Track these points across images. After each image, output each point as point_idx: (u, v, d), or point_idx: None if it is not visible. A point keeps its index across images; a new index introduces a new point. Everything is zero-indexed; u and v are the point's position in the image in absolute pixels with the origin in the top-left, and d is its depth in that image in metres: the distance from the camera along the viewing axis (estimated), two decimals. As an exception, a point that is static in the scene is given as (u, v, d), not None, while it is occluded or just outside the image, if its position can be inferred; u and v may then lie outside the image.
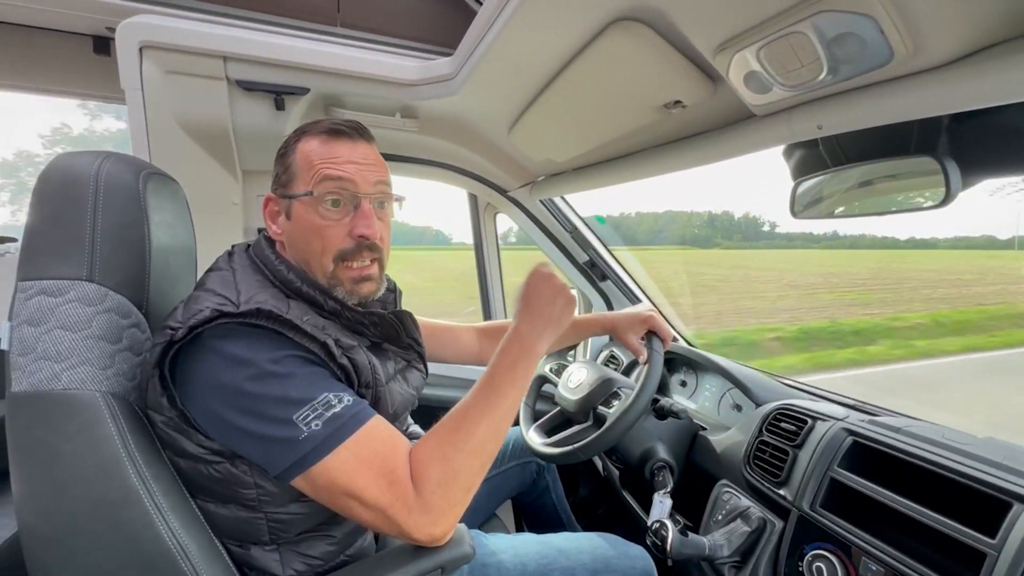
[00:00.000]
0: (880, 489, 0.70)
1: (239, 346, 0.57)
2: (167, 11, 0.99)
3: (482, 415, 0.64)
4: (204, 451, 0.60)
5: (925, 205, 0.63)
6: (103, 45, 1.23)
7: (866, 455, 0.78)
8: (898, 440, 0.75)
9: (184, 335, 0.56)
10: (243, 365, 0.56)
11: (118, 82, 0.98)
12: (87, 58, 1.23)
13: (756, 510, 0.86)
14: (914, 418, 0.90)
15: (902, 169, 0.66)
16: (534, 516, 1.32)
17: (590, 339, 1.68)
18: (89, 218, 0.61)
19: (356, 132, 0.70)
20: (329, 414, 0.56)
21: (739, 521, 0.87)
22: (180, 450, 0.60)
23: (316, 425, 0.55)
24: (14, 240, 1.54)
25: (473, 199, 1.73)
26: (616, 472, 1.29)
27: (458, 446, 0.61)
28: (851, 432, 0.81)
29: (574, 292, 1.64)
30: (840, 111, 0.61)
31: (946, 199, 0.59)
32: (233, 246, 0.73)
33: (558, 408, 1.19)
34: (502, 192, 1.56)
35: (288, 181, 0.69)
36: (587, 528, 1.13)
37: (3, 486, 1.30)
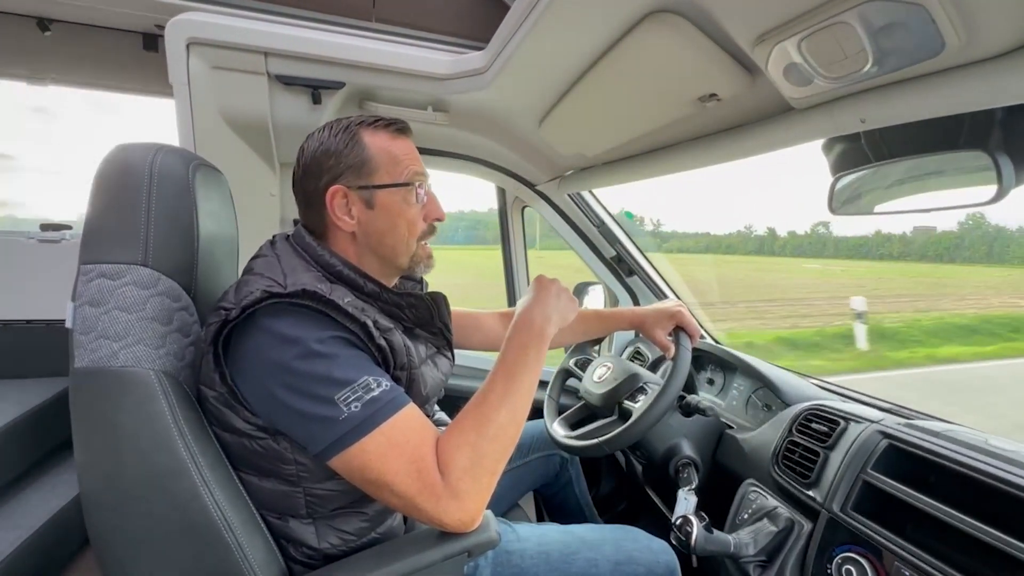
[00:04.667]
0: (918, 495, 0.68)
1: (287, 324, 0.59)
2: (213, 8, 1.03)
3: (500, 401, 0.67)
4: (250, 427, 0.63)
5: (974, 202, 0.60)
6: (152, 42, 1.29)
7: (901, 459, 0.76)
8: (938, 445, 0.73)
9: (238, 315, 0.59)
10: (291, 343, 0.58)
11: (166, 78, 1.03)
12: (137, 55, 1.29)
13: (784, 510, 0.85)
14: (953, 423, 0.87)
15: (950, 164, 0.63)
16: (556, 508, 1.33)
17: (615, 334, 1.68)
18: (144, 206, 0.65)
19: (409, 130, 0.77)
20: (368, 397, 0.58)
21: (766, 520, 0.86)
22: (227, 425, 0.64)
23: (356, 407, 0.58)
24: (69, 227, 1.63)
25: (501, 193, 1.74)
26: (639, 468, 1.28)
27: (480, 432, 0.63)
28: (886, 435, 0.79)
29: (599, 287, 1.64)
30: (885, 104, 0.59)
31: (998, 195, 0.57)
32: (275, 235, 0.76)
33: (583, 402, 1.19)
34: (530, 186, 1.56)
35: (370, 173, 0.72)
36: (609, 523, 1.14)
37: (63, 454, 1.39)
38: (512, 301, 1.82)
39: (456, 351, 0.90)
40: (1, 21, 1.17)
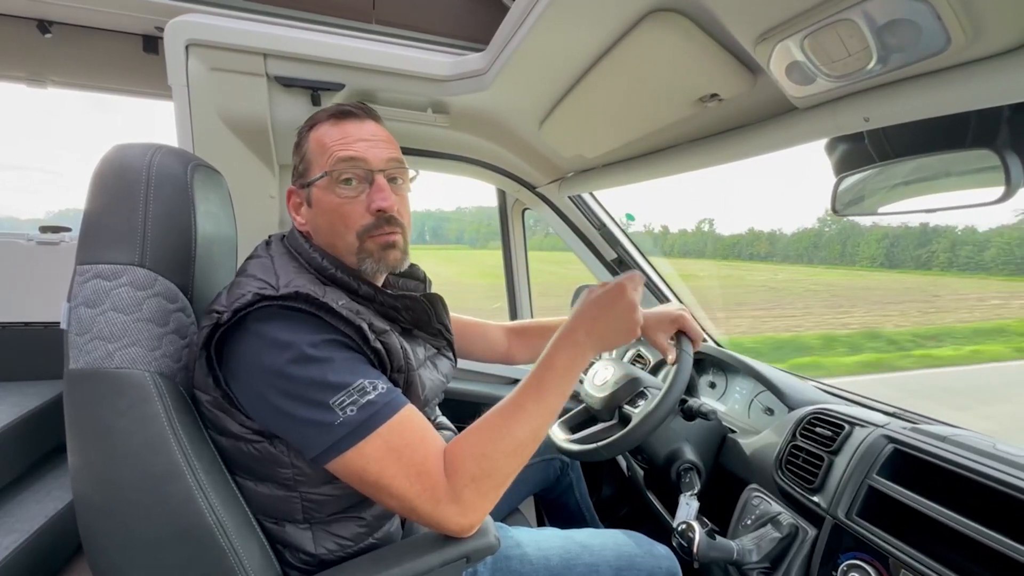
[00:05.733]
0: (924, 500, 0.67)
1: (280, 329, 0.58)
2: (212, 10, 1.03)
3: (526, 417, 0.64)
4: (245, 431, 0.62)
5: (981, 201, 0.59)
6: (152, 44, 1.29)
7: (907, 464, 0.75)
8: (944, 449, 0.71)
9: (229, 319, 0.58)
10: (284, 348, 0.57)
11: (165, 79, 1.02)
12: (137, 56, 1.29)
13: (787, 516, 0.84)
14: (959, 427, 0.86)
15: (956, 163, 0.62)
16: (557, 513, 1.32)
17: None
18: (141, 207, 0.65)
19: (362, 111, 0.72)
20: (364, 400, 0.58)
21: (769, 527, 0.85)
22: (223, 429, 0.63)
23: (351, 411, 0.57)
24: (68, 230, 1.63)
25: (502, 195, 1.73)
26: (641, 472, 1.27)
27: (497, 445, 0.62)
28: (892, 439, 0.77)
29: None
30: (890, 102, 0.58)
31: (1006, 195, 0.56)
32: (270, 236, 0.76)
33: (583, 405, 1.18)
34: (531, 188, 1.56)
35: (305, 170, 0.71)
36: (610, 527, 1.13)
37: (60, 458, 1.39)
38: (512, 305, 1.81)
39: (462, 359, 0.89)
40: (1, 23, 1.17)
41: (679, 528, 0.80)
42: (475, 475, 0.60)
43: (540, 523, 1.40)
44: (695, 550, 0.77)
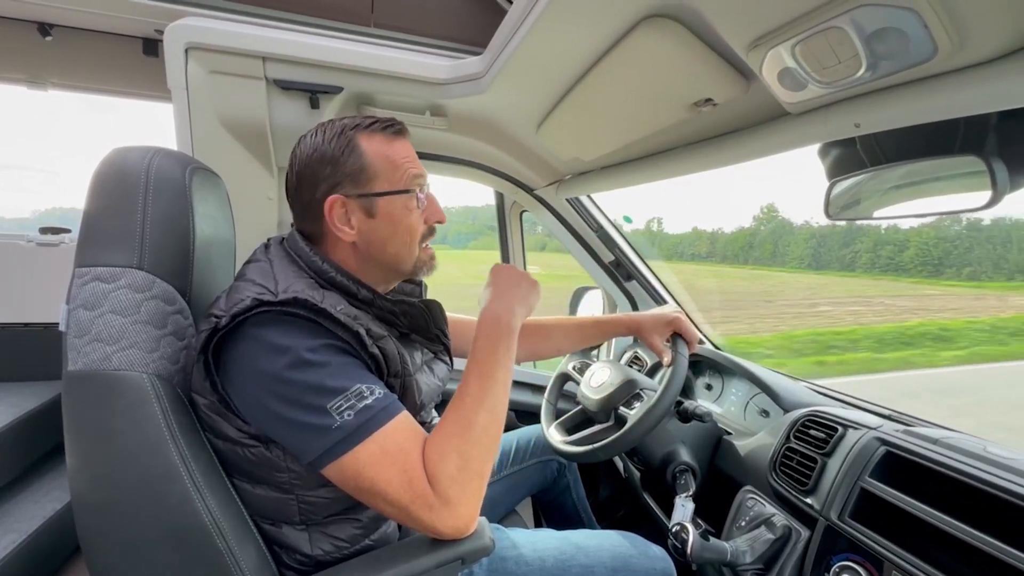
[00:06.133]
0: (916, 503, 0.67)
1: (277, 334, 0.59)
2: (212, 13, 1.04)
3: (478, 402, 0.66)
4: (241, 435, 0.62)
5: (970, 206, 0.60)
6: (152, 47, 1.29)
7: (900, 466, 0.75)
8: (936, 452, 0.72)
9: (227, 323, 0.59)
10: (282, 353, 0.58)
11: (165, 82, 1.03)
12: (137, 59, 1.29)
13: (781, 518, 0.84)
14: (952, 429, 0.86)
15: (945, 169, 0.63)
16: (554, 514, 1.32)
17: (614, 339, 1.67)
18: (140, 209, 0.65)
19: (406, 131, 0.76)
20: (361, 405, 0.58)
21: (763, 528, 0.86)
22: (219, 432, 0.64)
23: (348, 415, 0.57)
24: (68, 231, 1.63)
25: (500, 197, 1.74)
26: (637, 474, 1.28)
27: (463, 436, 0.62)
28: (884, 442, 0.78)
29: (598, 291, 1.64)
30: (879, 109, 0.59)
31: (993, 200, 0.57)
32: (269, 239, 0.76)
33: (580, 407, 1.19)
34: (528, 190, 1.56)
35: (369, 180, 0.70)
36: (607, 529, 1.13)
37: (59, 458, 1.39)
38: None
39: (460, 358, 0.90)
40: (2, 25, 1.18)
41: (673, 529, 0.81)
42: (453, 473, 0.60)
43: (537, 524, 1.40)
44: (689, 551, 0.77)
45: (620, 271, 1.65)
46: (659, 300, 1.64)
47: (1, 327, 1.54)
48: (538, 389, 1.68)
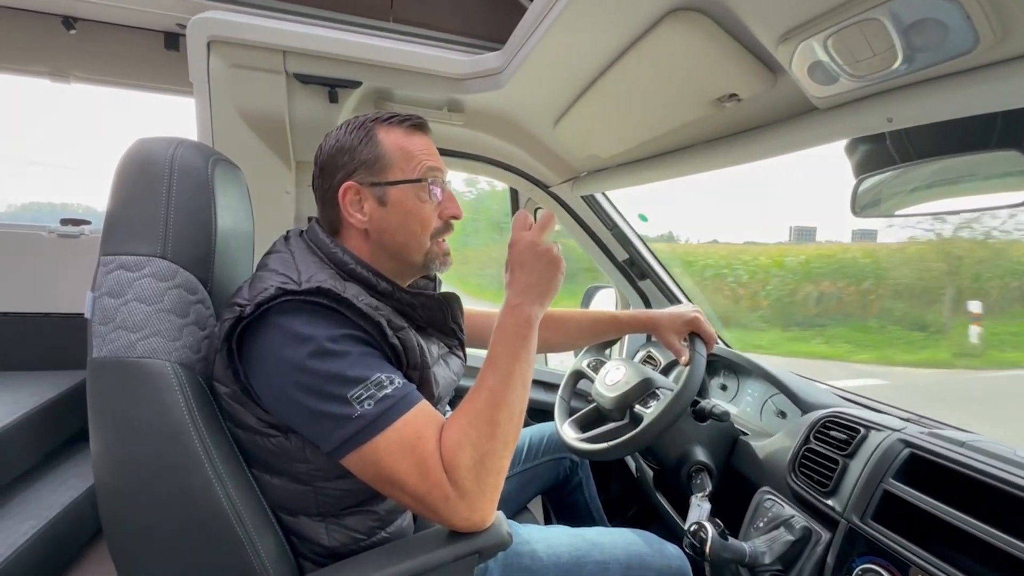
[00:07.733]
0: (943, 506, 0.66)
1: (300, 322, 0.59)
2: (233, 7, 1.05)
3: (496, 397, 0.64)
4: (262, 424, 0.63)
5: (1007, 203, 0.59)
6: (173, 41, 1.31)
7: (924, 469, 0.74)
8: (963, 455, 0.70)
9: (252, 312, 0.59)
10: (304, 342, 0.58)
11: (186, 76, 1.04)
12: (159, 53, 1.31)
13: (800, 519, 0.83)
14: (977, 433, 0.85)
15: (981, 165, 0.61)
16: (565, 512, 1.31)
17: (627, 337, 1.66)
18: (164, 199, 0.66)
19: (427, 126, 0.77)
20: (381, 394, 0.58)
21: (782, 529, 0.84)
22: (240, 421, 0.64)
23: (368, 404, 0.57)
24: (88, 223, 1.66)
25: (514, 194, 1.74)
26: (650, 473, 1.27)
27: (481, 430, 0.62)
28: (909, 444, 0.77)
29: (611, 290, 1.62)
30: (914, 103, 0.58)
31: (1033, 197, 0.55)
32: (288, 231, 0.77)
33: (594, 405, 1.18)
34: (544, 187, 1.56)
35: (383, 169, 0.71)
36: (618, 527, 1.13)
37: (77, 447, 1.41)
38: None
39: (473, 351, 0.89)
40: (28, 19, 1.19)
41: (691, 528, 0.80)
42: (470, 465, 0.59)
43: (548, 522, 1.40)
44: (707, 550, 0.76)
45: (634, 269, 1.64)
46: (673, 300, 1.63)
47: (21, 316, 1.57)
48: (549, 387, 1.67)
